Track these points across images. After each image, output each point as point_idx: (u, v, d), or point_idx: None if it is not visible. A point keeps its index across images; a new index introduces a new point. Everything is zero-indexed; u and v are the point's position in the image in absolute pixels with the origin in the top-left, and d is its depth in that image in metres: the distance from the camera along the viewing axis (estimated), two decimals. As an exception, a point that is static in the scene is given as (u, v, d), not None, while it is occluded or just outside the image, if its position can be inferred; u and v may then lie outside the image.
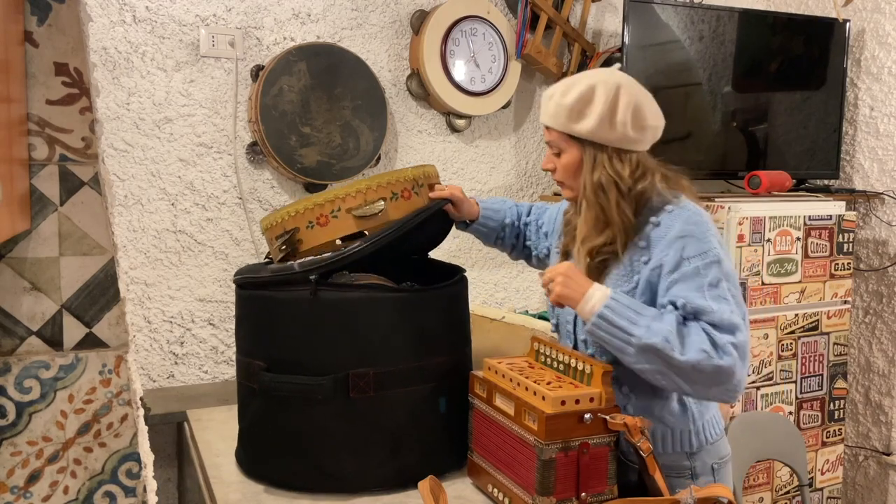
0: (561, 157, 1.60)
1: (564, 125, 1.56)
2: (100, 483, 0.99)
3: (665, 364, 1.39)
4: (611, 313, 1.43)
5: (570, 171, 1.59)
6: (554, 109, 1.56)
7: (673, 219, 1.50)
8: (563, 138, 1.58)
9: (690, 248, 1.46)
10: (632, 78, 1.58)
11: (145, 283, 2.43)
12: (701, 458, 1.61)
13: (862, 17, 3.00)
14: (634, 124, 1.53)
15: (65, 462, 0.98)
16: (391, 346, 1.58)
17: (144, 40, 2.37)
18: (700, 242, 1.46)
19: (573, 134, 1.55)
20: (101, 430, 0.99)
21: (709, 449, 1.62)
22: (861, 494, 3.04)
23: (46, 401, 0.97)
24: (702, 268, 1.44)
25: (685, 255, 1.46)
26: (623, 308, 1.43)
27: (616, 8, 3.03)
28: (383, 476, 1.59)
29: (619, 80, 1.54)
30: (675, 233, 1.48)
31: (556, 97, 1.56)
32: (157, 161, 2.41)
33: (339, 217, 1.62)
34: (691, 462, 1.60)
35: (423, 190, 1.73)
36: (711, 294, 1.42)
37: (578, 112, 1.53)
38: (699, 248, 1.46)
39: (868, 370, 3.01)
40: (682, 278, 1.44)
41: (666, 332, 1.38)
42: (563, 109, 1.55)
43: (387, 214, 1.64)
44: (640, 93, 1.56)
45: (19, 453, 0.96)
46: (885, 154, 2.93)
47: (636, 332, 1.39)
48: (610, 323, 1.42)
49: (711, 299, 1.42)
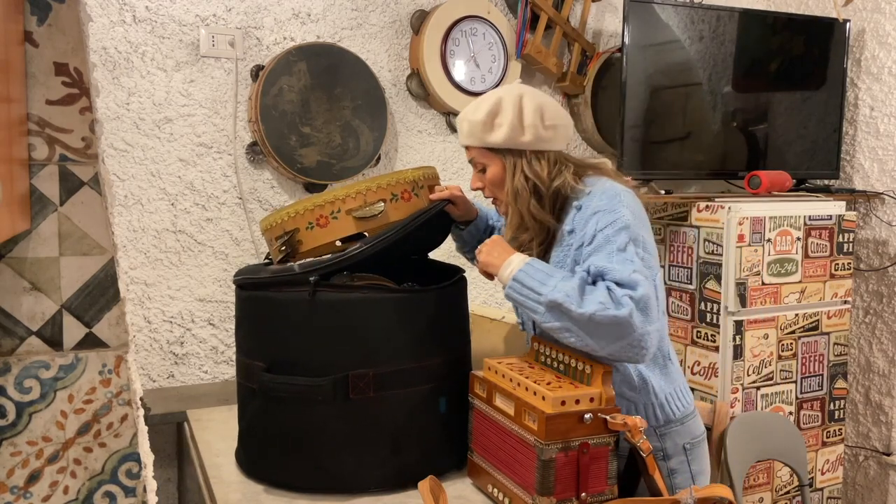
0: (486, 173, 1.68)
1: (481, 139, 1.65)
2: (100, 483, 0.99)
3: (568, 318, 1.43)
4: (524, 276, 1.50)
5: (497, 183, 1.68)
6: (468, 128, 1.66)
7: (591, 198, 1.59)
8: (483, 153, 1.66)
9: (602, 220, 1.53)
10: (532, 87, 1.70)
11: (145, 283, 2.43)
12: (671, 437, 1.64)
13: (862, 17, 3.00)
14: (543, 124, 1.62)
15: (65, 462, 0.98)
16: (391, 347, 1.58)
17: (144, 40, 2.37)
18: (610, 214, 1.54)
19: (491, 146, 1.65)
20: (101, 430, 0.99)
21: (679, 429, 1.65)
22: (861, 494, 3.04)
23: (46, 401, 0.97)
24: (611, 235, 1.51)
25: (598, 228, 1.53)
26: (536, 272, 1.51)
27: (616, 8, 3.03)
28: (383, 476, 1.59)
29: (521, 90, 1.65)
30: (590, 210, 1.56)
31: (468, 117, 1.66)
32: (157, 161, 2.41)
33: (339, 218, 1.62)
34: (662, 443, 1.63)
35: (423, 191, 1.74)
36: (618, 258, 1.48)
37: (490, 124, 1.63)
38: (609, 218, 1.53)
39: (868, 370, 3.01)
40: (596, 249, 1.51)
41: (569, 288, 1.44)
42: (476, 126, 1.64)
43: (387, 216, 1.65)
44: (543, 97, 1.66)
45: (19, 453, 0.96)
46: (885, 154, 2.93)
47: (544, 290, 1.46)
48: (522, 284, 1.50)
49: (617, 262, 1.48)
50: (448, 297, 1.71)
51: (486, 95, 1.67)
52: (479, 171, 1.71)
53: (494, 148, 1.64)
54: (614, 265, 1.46)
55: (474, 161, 1.71)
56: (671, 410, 1.64)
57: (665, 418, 1.64)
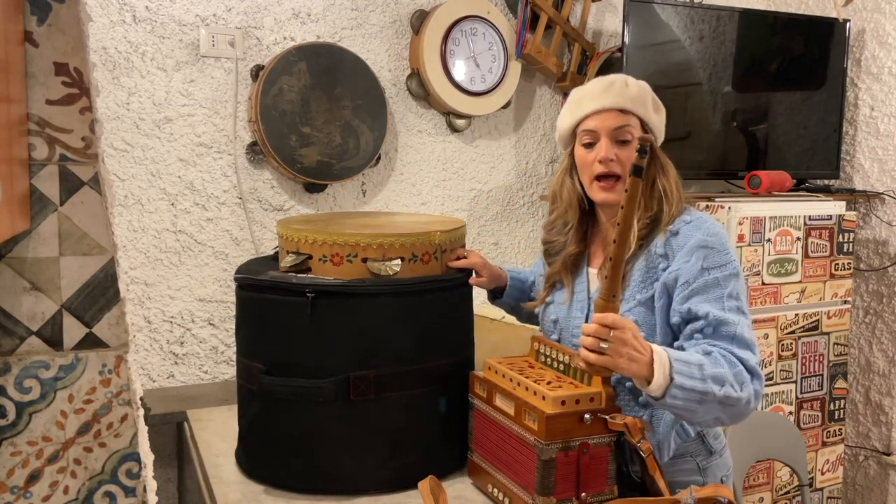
0: (631, 145, 1.52)
1: (645, 112, 1.54)
2: (100, 483, 0.99)
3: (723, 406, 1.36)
4: (682, 378, 1.32)
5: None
6: (639, 95, 1.53)
7: (692, 229, 1.50)
8: (638, 125, 1.55)
9: (711, 259, 1.46)
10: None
11: (145, 283, 2.43)
12: (713, 472, 1.60)
13: (862, 17, 3.00)
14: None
15: (65, 462, 0.98)
16: (392, 349, 1.58)
17: (144, 40, 2.37)
18: (721, 254, 1.47)
19: (650, 123, 1.55)
20: (101, 430, 0.99)
21: (718, 462, 1.61)
22: (861, 494, 3.04)
23: (46, 401, 0.97)
24: (721, 279, 1.44)
25: (706, 266, 1.45)
26: (684, 366, 1.33)
27: (616, 8, 3.03)
28: (383, 477, 1.59)
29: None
30: (695, 242, 1.48)
31: (632, 84, 1.53)
32: (157, 161, 2.41)
33: (354, 263, 1.59)
34: (704, 478, 1.58)
35: (444, 256, 1.67)
36: (730, 306, 1.42)
37: (657, 103, 1.55)
38: (720, 259, 1.46)
39: (868, 370, 3.01)
40: (703, 289, 1.44)
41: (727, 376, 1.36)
42: (647, 97, 1.54)
43: (399, 275, 1.60)
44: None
45: (19, 453, 0.96)
46: (886, 154, 2.93)
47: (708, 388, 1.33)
48: (682, 388, 1.32)
49: (730, 311, 1.42)
50: (452, 298, 1.70)
51: (627, 77, 1.56)
52: (621, 141, 1.53)
53: (648, 126, 1.55)
54: (730, 315, 1.41)
55: (626, 129, 1.53)
56: (710, 444, 1.60)
57: (708, 450, 1.59)
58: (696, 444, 1.59)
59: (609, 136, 1.54)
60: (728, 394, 1.34)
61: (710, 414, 1.37)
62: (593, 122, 1.55)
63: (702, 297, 1.43)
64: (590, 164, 1.56)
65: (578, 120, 1.57)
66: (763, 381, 1.41)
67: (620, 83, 1.53)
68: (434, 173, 2.84)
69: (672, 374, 1.31)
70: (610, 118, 1.53)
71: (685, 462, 1.57)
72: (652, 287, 1.51)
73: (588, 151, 1.56)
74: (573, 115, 1.58)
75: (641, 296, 1.51)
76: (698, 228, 1.49)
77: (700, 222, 1.51)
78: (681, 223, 1.52)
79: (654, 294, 1.50)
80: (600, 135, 1.54)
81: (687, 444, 1.57)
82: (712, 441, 1.61)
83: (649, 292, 1.51)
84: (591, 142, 1.56)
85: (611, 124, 1.53)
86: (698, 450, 1.59)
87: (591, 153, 1.56)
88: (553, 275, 1.68)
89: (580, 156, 1.58)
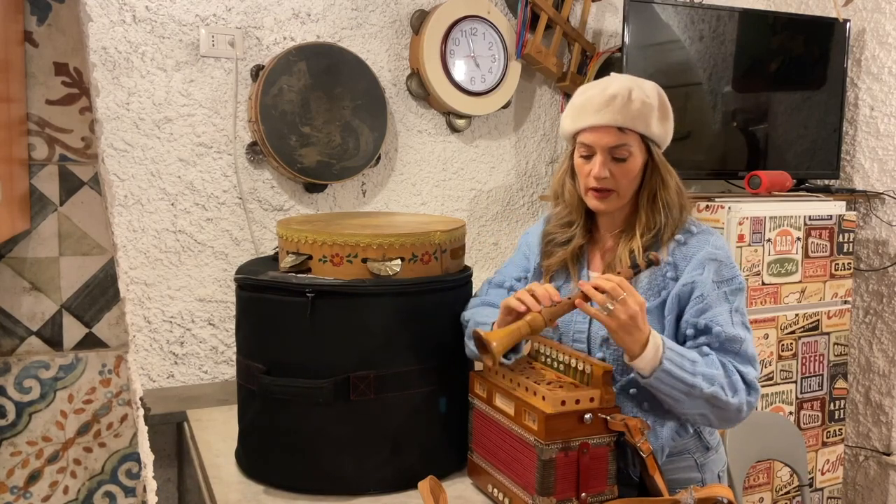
0: (627, 162, 1.51)
1: (646, 125, 1.49)
2: (100, 483, 0.99)
3: (710, 405, 1.43)
4: (671, 365, 1.39)
5: (634, 176, 1.53)
6: (641, 110, 1.48)
7: (700, 241, 1.53)
8: (638, 141, 1.51)
9: (721, 273, 1.49)
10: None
11: (145, 283, 2.43)
12: (710, 468, 1.62)
13: (862, 16, 3.00)
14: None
15: (65, 462, 0.98)
16: (392, 349, 1.58)
17: (144, 40, 2.37)
18: (729, 268, 1.51)
19: (652, 137, 1.52)
20: (100, 430, 0.99)
21: (714, 458, 1.63)
22: (861, 494, 3.04)
23: (46, 401, 0.97)
24: (729, 294, 1.49)
25: (716, 279, 1.48)
26: (677, 356, 1.41)
27: (616, 8, 3.03)
28: (383, 477, 1.59)
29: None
30: (705, 254, 1.51)
31: (637, 98, 1.47)
32: (156, 161, 2.41)
33: (354, 264, 1.59)
34: (702, 474, 1.60)
35: (444, 256, 1.67)
36: (737, 320, 1.48)
37: (664, 112, 1.52)
38: (728, 273, 1.50)
39: (868, 370, 3.01)
40: (715, 302, 1.47)
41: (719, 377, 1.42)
42: (650, 110, 1.49)
43: (399, 275, 1.60)
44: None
45: (19, 453, 0.96)
46: (886, 154, 2.93)
47: (696, 382, 1.40)
48: (670, 375, 1.39)
49: (738, 326, 1.47)
50: (452, 298, 1.70)
51: (635, 79, 1.52)
52: (617, 158, 1.51)
53: (650, 139, 1.52)
54: (739, 331, 1.46)
55: (623, 149, 1.50)
56: (707, 440, 1.62)
57: (704, 447, 1.61)
58: (694, 441, 1.60)
59: (605, 153, 1.52)
60: (716, 394, 1.40)
61: (697, 409, 1.43)
62: (590, 137, 1.53)
63: (713, 312, 1.47)
64: (585, 175, 1.56)
65: (577, 129, 1.57)
66: (759, 396, 1.47)
67: (623, 98, 1.48)
68: (434, 173, 2.84)
69: (663, 358, 1.38)
70: (608, 136, 1.51)
71: (683, 459, 1.58)
72: (660, 295, 1.52)
73: (585, 162, 1.56)
74: (573, 122, 1.57)
75: (649, 303, 1.51)
76: (706, 241, 1.53)
77: (706, 234, 1.55)
78: (686, 234, 1.55)
79: (665, 304, 1.52)
80: (596, 150, 1.53)
81: (685, 441, 1.58)
82: (708, 437, 1.62)
83: (657, 300, 1.52)
84: (588, 154, 1.55)
85: (607, 142, 1.51)
86: (696, 446, 1.60)
87: (587, 165, 1.56)
88: (553, 265, 1.66)
89: (578, 164, 1.59)
